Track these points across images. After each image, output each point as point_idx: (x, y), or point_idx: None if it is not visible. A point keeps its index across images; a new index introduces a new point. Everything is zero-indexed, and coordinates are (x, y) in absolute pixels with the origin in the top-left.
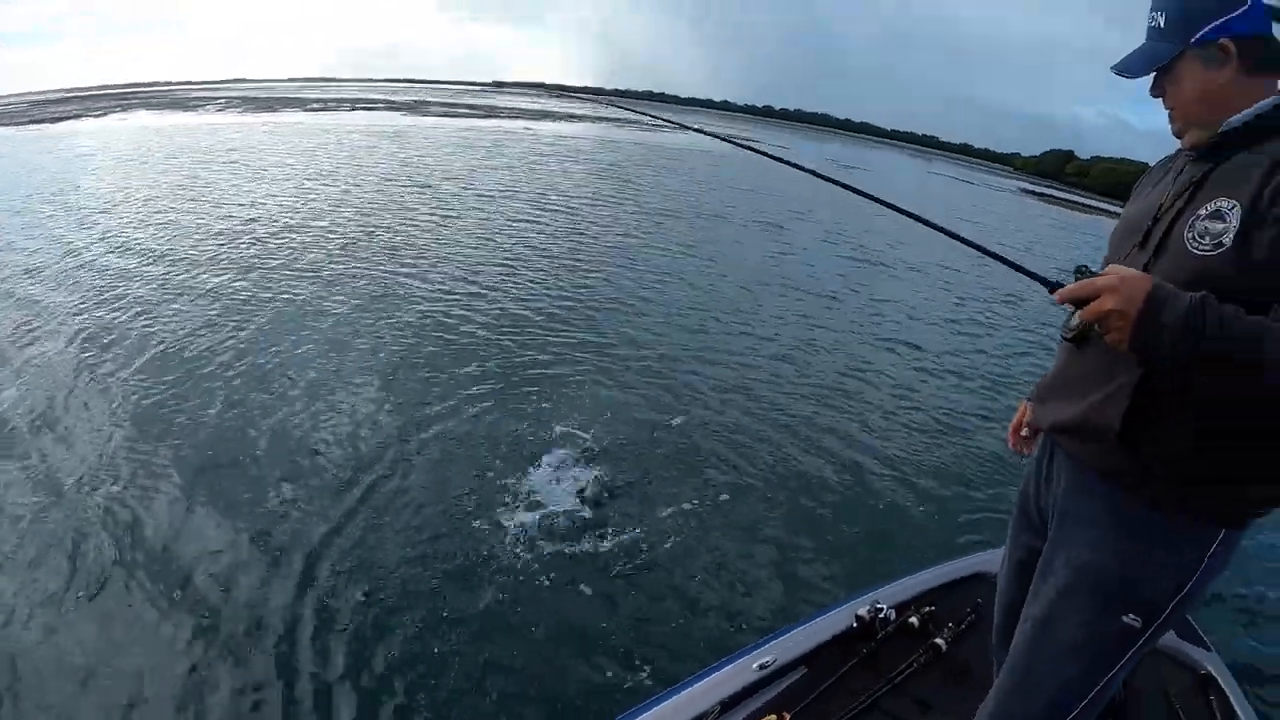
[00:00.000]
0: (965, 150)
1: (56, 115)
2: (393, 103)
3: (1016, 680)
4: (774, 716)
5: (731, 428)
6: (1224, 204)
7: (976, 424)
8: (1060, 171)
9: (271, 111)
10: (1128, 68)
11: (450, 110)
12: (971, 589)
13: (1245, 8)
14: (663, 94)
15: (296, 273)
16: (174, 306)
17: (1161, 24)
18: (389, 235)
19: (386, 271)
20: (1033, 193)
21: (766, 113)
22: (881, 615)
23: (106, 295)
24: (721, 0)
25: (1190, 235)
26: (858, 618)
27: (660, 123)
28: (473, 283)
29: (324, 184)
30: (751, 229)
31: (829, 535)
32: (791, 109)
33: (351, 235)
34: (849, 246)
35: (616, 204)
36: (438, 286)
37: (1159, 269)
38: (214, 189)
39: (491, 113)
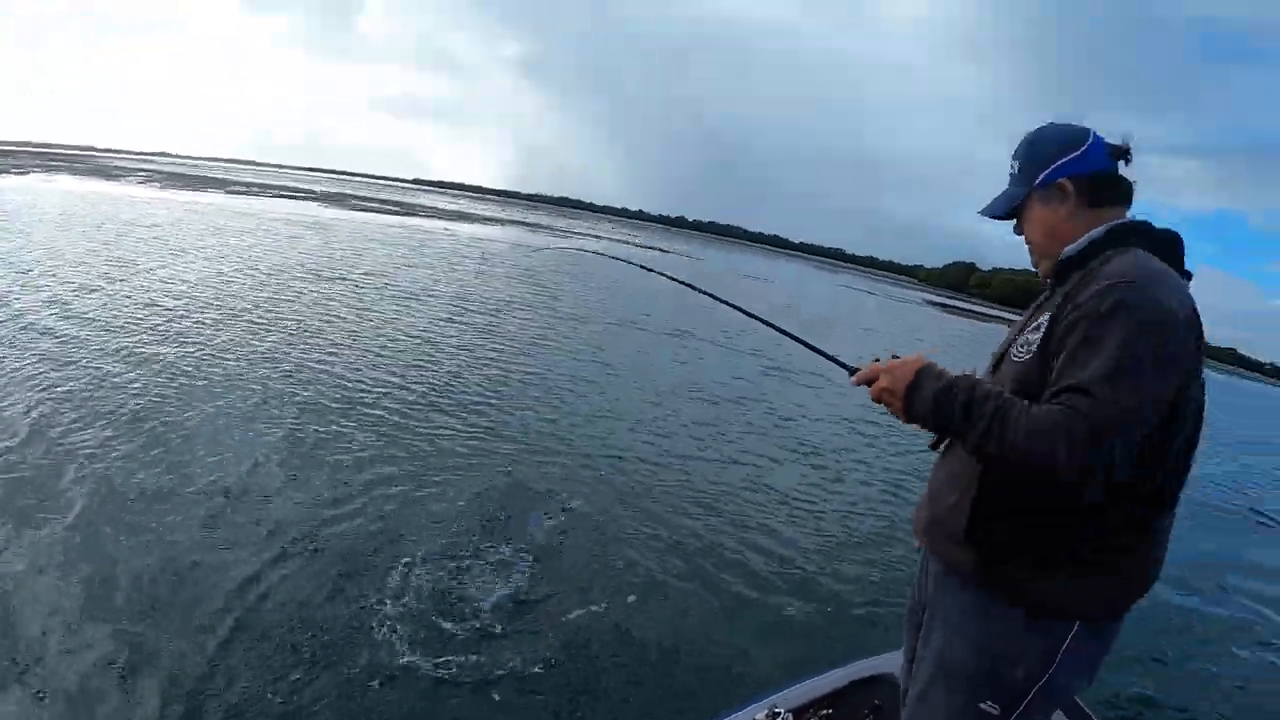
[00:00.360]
0: (871, 263)
1: None
2: (314, 193)
3: None
4: None
5: (628, 526)
6: (1043, 318)
7: (876, 523)
8: (964, 283)
9: (194, 190)
10: (991, 211)
11: (371, 206)
12: (871, 691)
13: (1082, 149)
14: (579, 201)
15: (214, 354)
16: (80, 377)
17: (1015, 170)
18: (308, 325)
19: (304, 360)
20: (937, 304)
21: (680, 223)
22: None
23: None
24: (641, 110)
25: (1014, 348)
26: None
27: (575, 235)
28: (391, 375)
29: (248, 270)
30: (659, 336)
31: (726, 636)
32: (705, 220)
33: (272, 322)
34: (750, 353)
35: (531, 308)
36: (354, 378)
37: (995, 381)
38: (137, 263)
39: (411, 211)
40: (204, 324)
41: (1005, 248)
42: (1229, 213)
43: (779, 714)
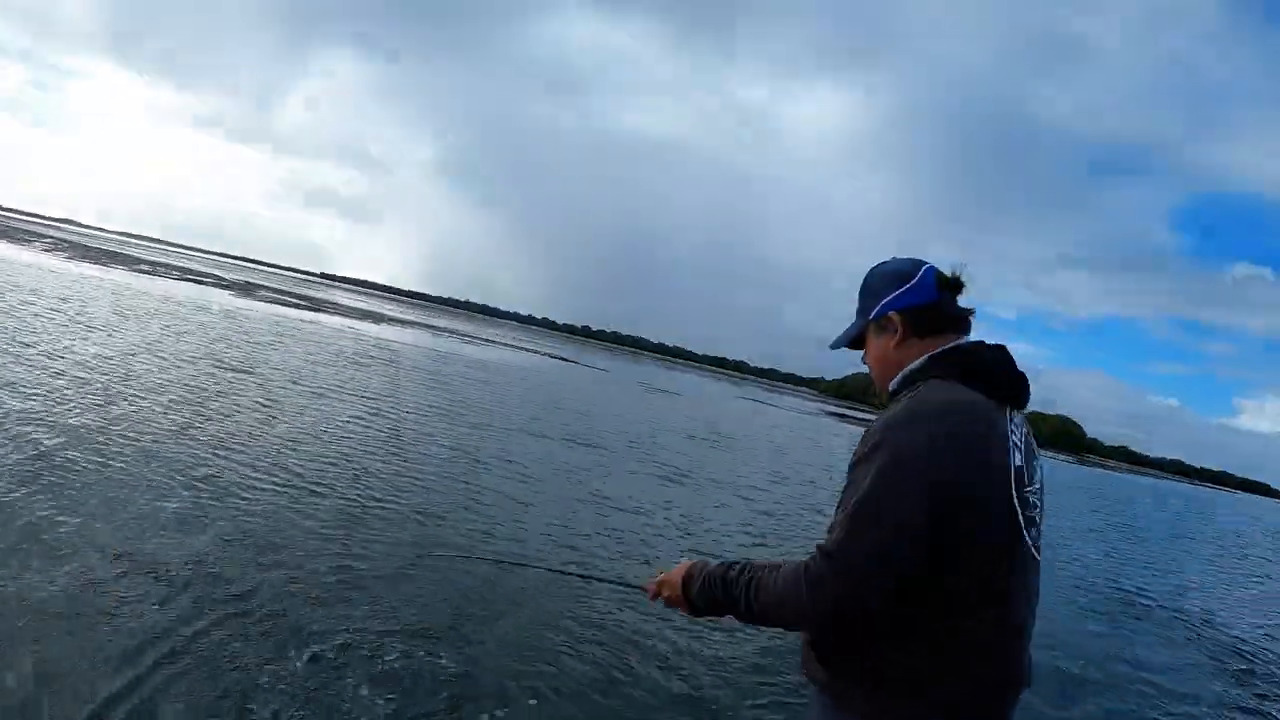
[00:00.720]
0: (771, 374)
1: None
2: (221, 279)
3: None
4: None
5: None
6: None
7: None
8: (863, 392)
9: (100, 265)
10: (837, 343)
11: (280, 298)
12: None
13: (911, 283)
14: (484, 305)
15: (115, 438)
16: None
17: (858, 304)
18: (214, 416)
19: (207, 451)
20: (835, 414)
21: (585, 333)
22: None
23: None
24: (550, 217)
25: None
26: None
27: (487, 340)
28: (296, 475)
29: (155, 352)
30: (562, 444)
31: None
32: (609, 330)
33: (177, 409)
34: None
35: (438, 412)
36: (259, 475)
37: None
38: (40, 336)
39: (320, 307)
40: (110, 400)
41: None
42: (1118, 320)
43: None
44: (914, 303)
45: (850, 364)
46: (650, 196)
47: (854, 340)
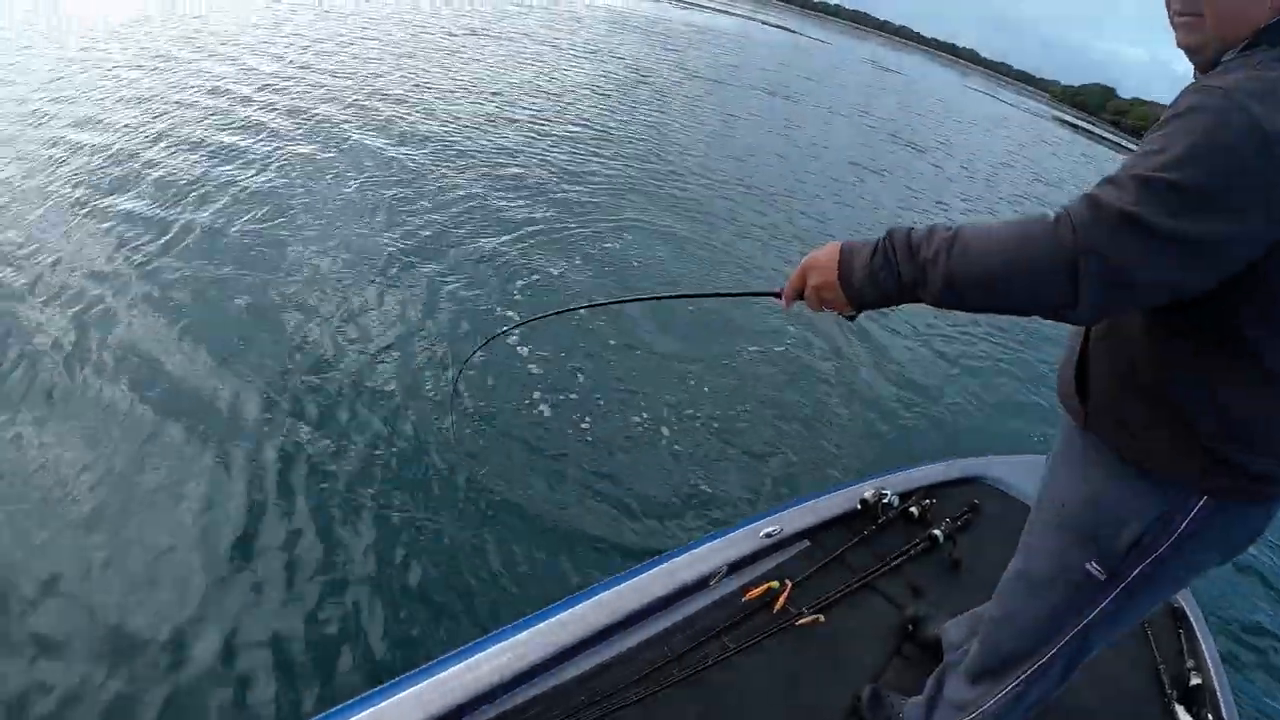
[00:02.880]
0: (1003, 70)
1: None
2: None
3: (1000, 611)
4: (776, 583)
5: (743, 320)
6: None
7: (975, 340)
8: (1099, 108)
9: None
10: None
11: None
12: (970, 490)
13: None
14: None
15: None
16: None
17: None
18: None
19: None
20: (1066, 123)
21: (803, 3)
22: (885, 500)
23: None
24: None
25: None
26: (862, 500)
27: (701, 7)
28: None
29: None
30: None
31: (834, 423)
32: (831, 2)
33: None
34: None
35: (691, 78)
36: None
37: None
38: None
39: None
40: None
41: (1148, 77)
42: None
43: (885, 495)
44: None
45: (1094, 75)
46: None
47: None
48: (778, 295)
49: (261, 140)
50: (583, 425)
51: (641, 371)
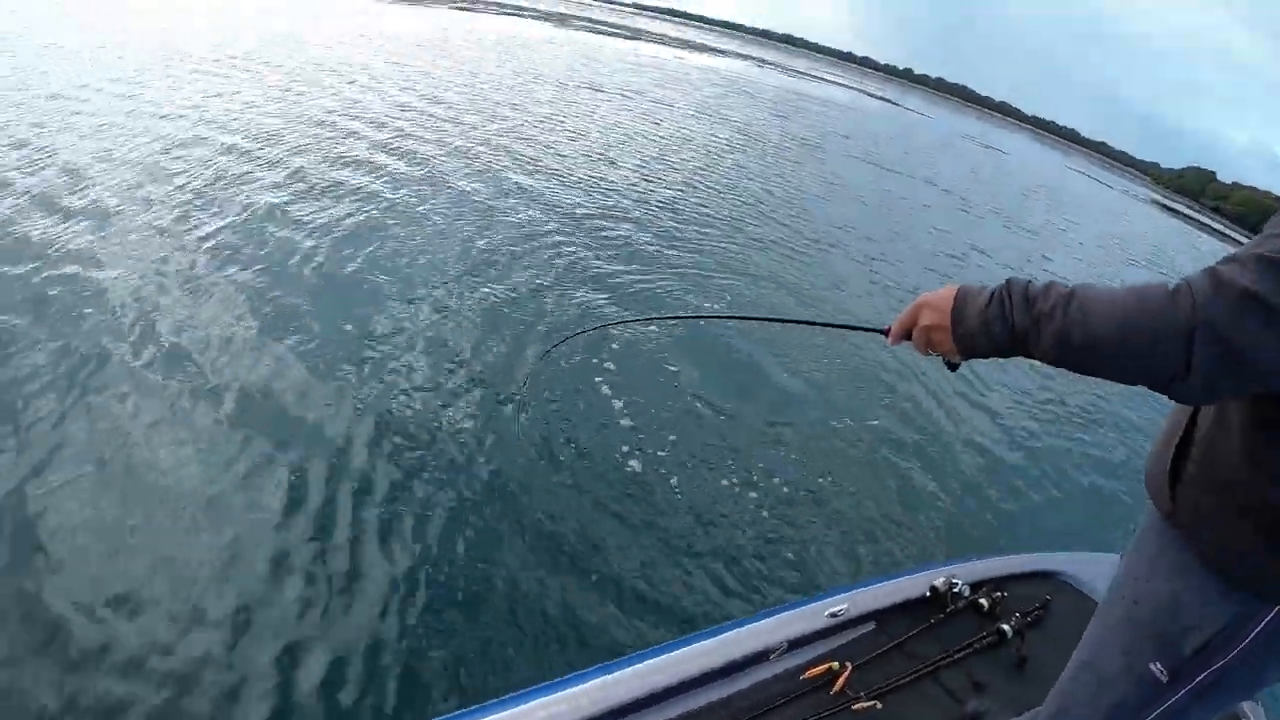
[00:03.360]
0: (1103, 150)
1: None
2: (538, 11)
3: (1058, 705)
4: (836, 664)
5: (840, 372)
6: None
7: (1065, 427)
8: (1199, 192)
9: (419, 4)
10: None
11: (595, 28)
12: (1042, 584)
13: None
14: (803, 39)
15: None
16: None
17: None
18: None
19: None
20: (1168, 208)
21: (906, 76)
22: (955, 590)
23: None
24: None
25: None
26: (932, 588)
27: (801, 76)
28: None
29: (505, 87)
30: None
31: (916, 500)
32: (932, 76)
33: (542, 141)
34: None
35: (799, 142)
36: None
37: None
38: (429, 71)
39: (637, 35)
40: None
41: (1248, 160)
42: None
43: (956, 584)
44: None
45: (1192, 155)
46: None
47: None
48: (885, 333)
49: (425, 168)
50: (671, 482)
51: (729, 423)
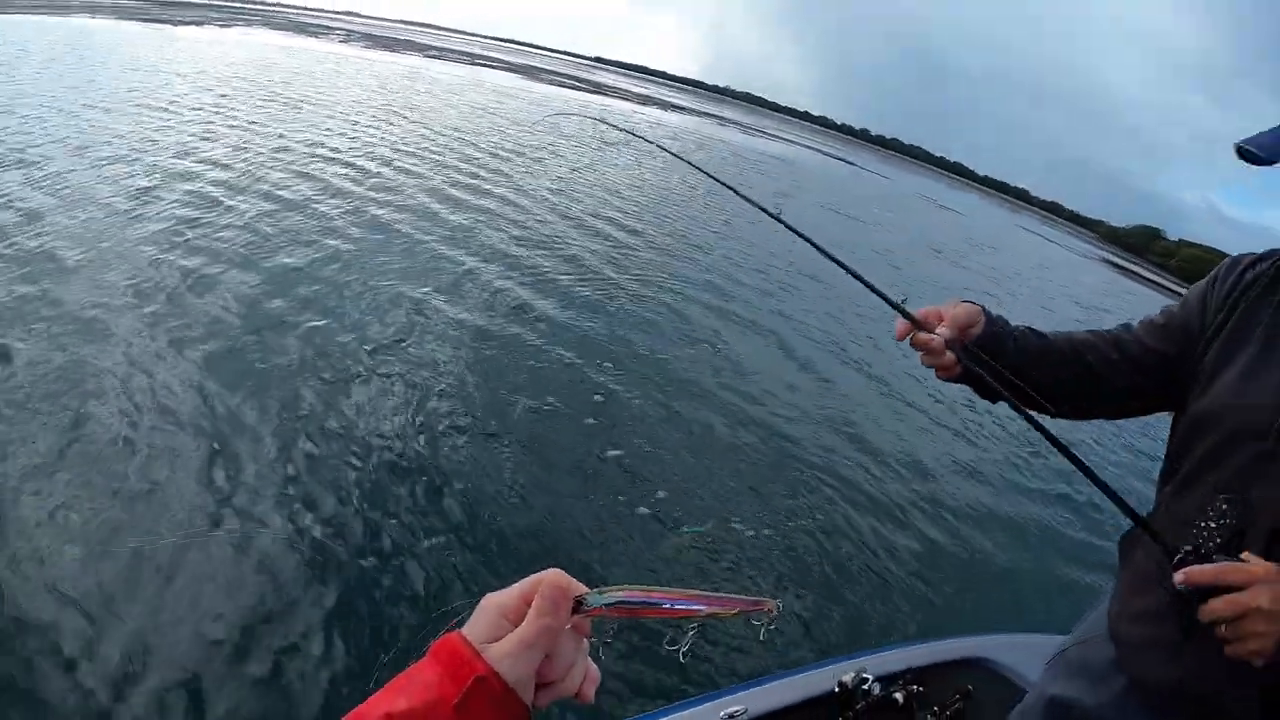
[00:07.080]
0: (1054, 209)
1: (179, 19)
2: (509, 64)
3: None
4: None
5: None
6: None
7: (986, 501)
8: (1144, 248)
9: (391, 51)
10: (1262, 147)
11: (561, 81)
12: (964, 673)
13: None
14: (761, 98)
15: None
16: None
17: None
18: (526, 204)
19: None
20: (1113, 264)
21: (863, 136)
22: (865, 686)
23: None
24: (833, 14)
25: None
26: (840, 683)
27: (760, 135)
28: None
29: (472, 138)
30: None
31: (817, 589)
32: (888, 136)
33: (489, 191)
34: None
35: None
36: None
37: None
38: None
39: (600, 90)
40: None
41: (1199, 223)
42: None
43: (866, 679)
44: None
45: (1140, 213)
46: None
47: None
48: (904, 315)
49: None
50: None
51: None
